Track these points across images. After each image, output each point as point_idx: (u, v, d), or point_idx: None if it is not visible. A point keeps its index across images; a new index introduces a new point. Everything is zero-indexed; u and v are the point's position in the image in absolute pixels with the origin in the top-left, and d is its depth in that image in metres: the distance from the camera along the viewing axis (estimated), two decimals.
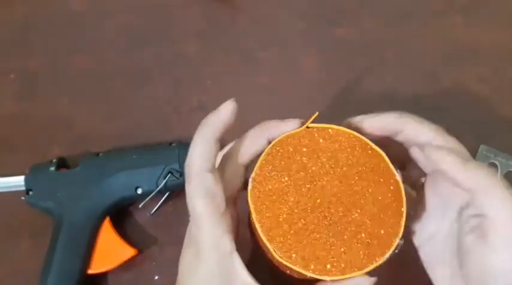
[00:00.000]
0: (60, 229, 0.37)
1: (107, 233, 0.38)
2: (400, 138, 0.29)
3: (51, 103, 0.47)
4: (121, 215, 0.41)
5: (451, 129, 0.45)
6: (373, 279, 0.26)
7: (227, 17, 0.51)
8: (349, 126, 0.29)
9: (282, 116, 0.45)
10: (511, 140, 0.44)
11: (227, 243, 0.26)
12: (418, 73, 0.48)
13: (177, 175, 0.39)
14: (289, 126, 0.29)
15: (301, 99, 0.46)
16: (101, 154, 0.40)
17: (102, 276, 0.39)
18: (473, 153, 0.43)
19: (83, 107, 0.47)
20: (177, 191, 0.41)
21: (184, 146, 0.40)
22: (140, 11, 0.52)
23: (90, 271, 0.37)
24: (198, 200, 0.26)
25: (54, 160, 0.40)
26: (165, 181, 0.39)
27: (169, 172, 0.39)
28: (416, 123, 0.28)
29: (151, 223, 0.41)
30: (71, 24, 0.51)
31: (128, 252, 0.38)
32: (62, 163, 0.41)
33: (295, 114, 0.45)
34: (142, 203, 0.40)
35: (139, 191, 0.39)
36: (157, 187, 0.39)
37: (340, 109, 0.46)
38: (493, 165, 0.42)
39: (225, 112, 0.28)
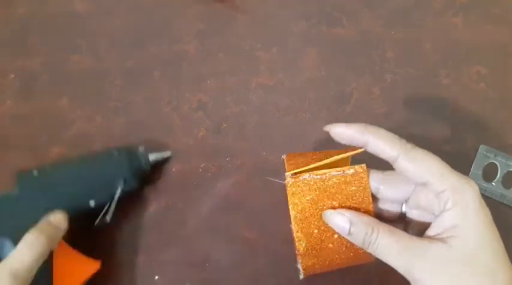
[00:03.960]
0: None
1: (64, 253, 0.35)
2: (369, 150, 0.31)
3: (51, 103, 0.47)
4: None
5: (451, 129, 0.45)
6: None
7: (227, 17, 0.51)
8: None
9: (282, 116, 0.46)
10: (511, 140, 0.44)
11: None
12: (418, 73, 0.48)
13: (131, 185, 0.39)
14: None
15: (301, 99, 0.46)
16: (35, 170, 0.37)
17: (98, 277, 0.39)
18: (473, 153, 0.43)
19: (83, 107, 0.47)
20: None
21: (131, 154, 0.40)
22: (140, 11, 0.52)
23: None
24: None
25: None
26: (119, 190, 0.38)
27: (123, 181, 0.38)
28: (378, 140, 0.30)
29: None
30: (71, 24, 0.51)
31: (90, 268, 0.35)
32: None
33: (295, 113, 0.46)
34: (97, 220, 0.37)
35: (91, 203, 0.37)
36: (113, 197, 0.38)
37: (340, 109, 0.46)
38: (493, 165, 0.43)
39: None
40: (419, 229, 0.31)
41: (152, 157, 0.41)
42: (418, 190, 0.31)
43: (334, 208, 0.32)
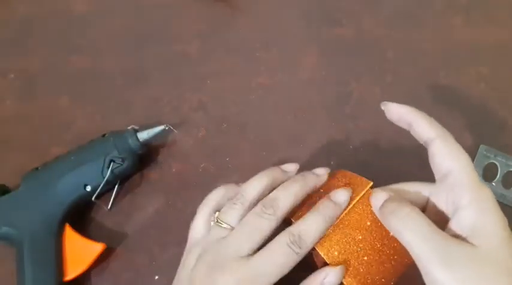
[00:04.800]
0: (23, 250, 0.37)
1: (71, 238, 0.38)
2: (412, 132, 0.32)
3: (51, 103, 0.47)
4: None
5: (451, 129, 0.45)
6: None
7: (227, 17, 0.51)
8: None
9: (282, 116, 0.46)
10: (511, 140, 0.44)
11: None
12: (418, 73, 0.48)
13: (119, 161, 0.40)
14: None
15: (301, 99, 0.46)
16: (39, 167, 0.40)
17: (98, 277, 0.39)
18: (473, 153, 0.43)
19: (83, 107, 0.47)
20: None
21: (117, 134, 0.41)
22: (140, 11, 0.52)
23: (66, 279, 0.37)
24: None
25: None
26: (109, 169, 0.39)
27: (111, 161, 0.39)
28: (423, 120, 0.32)
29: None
30: (71, 24, 0.51)
31: (96, 248, 0.38)
32: (3, 190, 0.40)
33: (295, 113, 0.46)
34: (94, 195, 0.39)
35: (88, 188, 0.39)
36: (104, 177, 0.39)
37: (340, 109, 0.46)
38: (493, 165, 0.43)
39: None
40: (437, 215, 0.30)
41: (143, 135, 0.41)
42: (434, 193, 0.31)
43: (365, 234, 0.31)
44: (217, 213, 0.33)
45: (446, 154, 0.30)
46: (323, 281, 0.29)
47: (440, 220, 0.29)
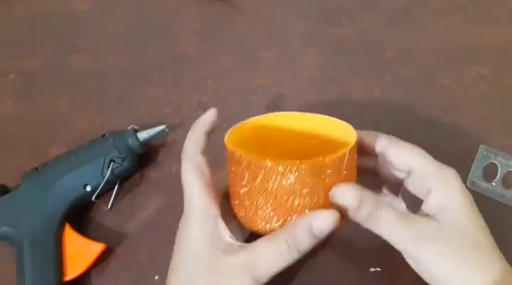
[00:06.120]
0: (22, 250, 0.37)
1: (71, 238, 0.38)
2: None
3: (51, 103, 0.47)
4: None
5: (452, 129, 0.45)
6: None
7: (227, 17, 0.51)
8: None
9: None
10: (511, 140, 0.44)
11: (213, 209, 0.31)
12: (418, 73, 0.48)
13: (119, 161, 0.40)
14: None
15: (301, 99, 0.46)
16: (39, 167, 0.40)
17: (98, 277, 0.39)
18: (473, 153, 0.43)
19: (83, 107, 0.47)
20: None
21: (117, 134, 0.41)
22: (140, 11, 0.52)
23: (66, 279, 0.37)
24: (190, 175, 0.32)
25: None
26: (109, 169, 0.39)
27: (111, 160, 0.39)
28: (368, 138, 0.34)
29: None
30: (71, 24, 0.51)
31: (96, 248, 0.38)
32: (3, 190, 0.40)
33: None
34: (94, 195, 0.39)
35: (88, 188, 0.39)
36: (104, 177, 0.39)
37: (339, 109, 0.46)
38: (493, 165, 0.43)
39: (211, 114, 0.36)
40: (415, 202, 0.33)
41: (143, 134, 0.41)
42: (407, 183, 0.34)
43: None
44: None
45: (400, 156, 0.32)
46: (311, 225, 0.28)
47: (416, 203, 0.32)
